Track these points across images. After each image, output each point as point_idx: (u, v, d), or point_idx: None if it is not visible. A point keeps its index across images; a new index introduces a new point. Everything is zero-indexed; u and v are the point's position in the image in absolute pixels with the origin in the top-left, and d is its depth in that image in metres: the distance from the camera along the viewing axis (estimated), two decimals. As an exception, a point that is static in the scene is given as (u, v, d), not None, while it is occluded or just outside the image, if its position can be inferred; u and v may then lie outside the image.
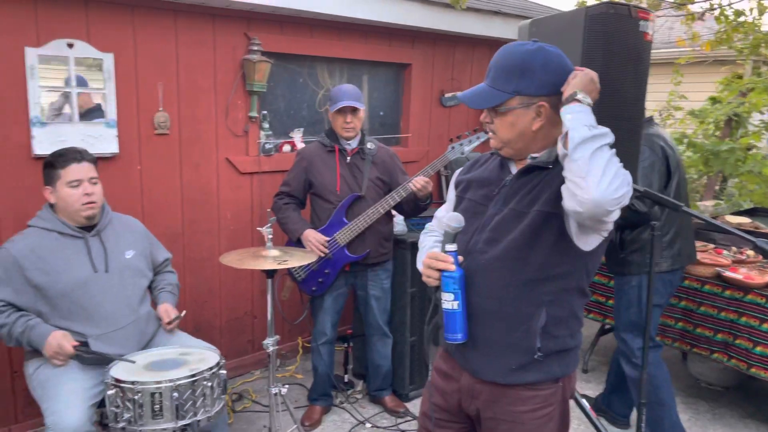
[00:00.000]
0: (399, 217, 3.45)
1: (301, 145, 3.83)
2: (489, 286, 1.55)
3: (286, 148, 3.84)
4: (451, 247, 1.55)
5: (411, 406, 3.42)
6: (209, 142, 3.48)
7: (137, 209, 3.18)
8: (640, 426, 2.37)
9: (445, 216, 1.59)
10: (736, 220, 4.09)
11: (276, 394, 2.75)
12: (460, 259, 1.56)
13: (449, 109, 4.71)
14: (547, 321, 1.52)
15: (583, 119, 1.37)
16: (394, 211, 3.23)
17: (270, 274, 2.70)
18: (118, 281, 2.45)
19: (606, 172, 1.31)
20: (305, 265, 3.08)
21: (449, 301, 1.53)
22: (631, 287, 2.86)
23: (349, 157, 3.11)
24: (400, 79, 4.50)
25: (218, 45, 3.41)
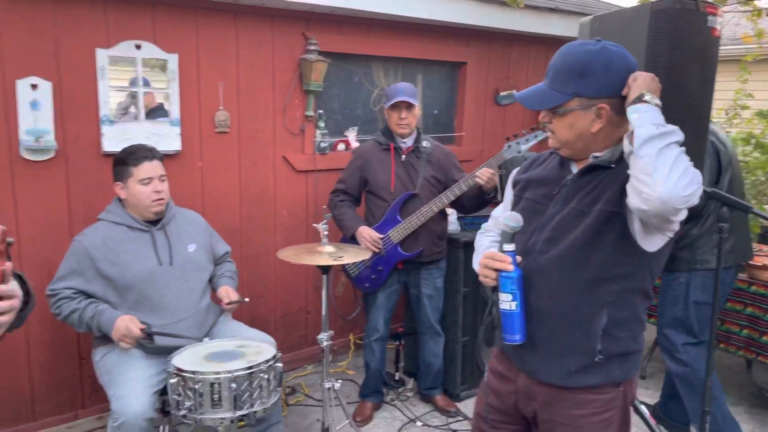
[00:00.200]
0: (452, 217, 3.44)
1: (355, 143, 3.86)
2: (548, 286, 1.53)
3: (341, 146, 3.88)
4: (509, 247, 1.53)
5: (462, 407, 3.41)
6: (267, 140, 3.56)
7: (198, 205, 3.28)
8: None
9: (503, 215, 1.58)
10: (807, 224, 3.89)
11: (329, 389, 2.78)
12: (519, 259, 1.54)
13: (504, 108, 4.67)
14: (608, 322, 1.49)
15: (651, 118, 1.34)
16: (448, 210, 3.23)
17: (325, 270, 2.74)
18: (181, 274, 2.54)
19: (674, 169, 1.27)
20: (359, 262, 3.11)
21: (507, 302, 1.52)
22: (679, 284, 2.83)
23: (404, 156, 3.12)
24: (454, 78, 4.48)
25: (277, 45, 3.48)
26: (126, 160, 2.49)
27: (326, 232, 2.77)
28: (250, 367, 2.20)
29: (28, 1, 2.71)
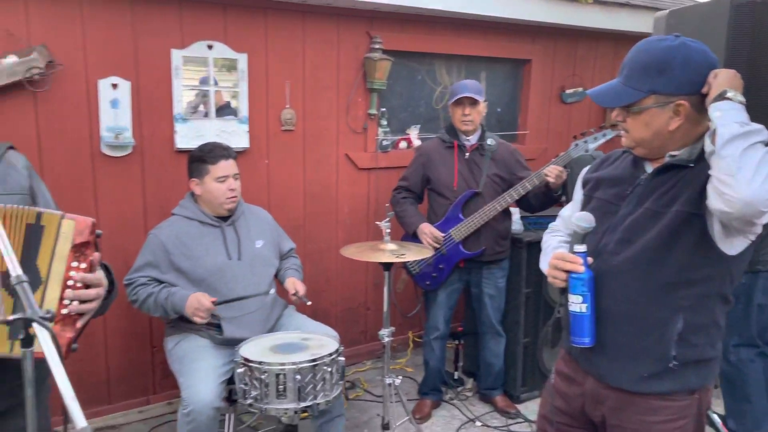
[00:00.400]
0: (516, 216, 3.39)
1: (417, 142, 3.87)
2: (621, 288, 1.50)
3: (402, 144, 3.90)
4: (581, 248, 1.50)
5: (522, 408, 3.36)
6: (330, 138, 3.61)
7: (264, 201, 3.37)
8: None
9: (575, 215, 1.54)
10: None
11: (390, 385, 2.80)
12: (590, 260, 1.51)
13: (569, 106, 4.56)
14: (684, 328, 1.44)
15: (734, 116, 1.28)
16: (512, 209, 3.19)
17: (387, 266, 2.76)
18: (249, 269, 2.62)
19: (759, 170, 1.22)
20: (420, 260, 3.12)
21: (577, 304, 1.49)
22: (740, 285, 2.69)
23: (467, 153, 3.11)
24: (518, 75, 4.42)
25: (342, 44, 3.53)
26: (204, 158, 2.57)
27: (389, 230, 2.79)
28: (314, 360, 2.25)
29: (109, 5, 2.85)
